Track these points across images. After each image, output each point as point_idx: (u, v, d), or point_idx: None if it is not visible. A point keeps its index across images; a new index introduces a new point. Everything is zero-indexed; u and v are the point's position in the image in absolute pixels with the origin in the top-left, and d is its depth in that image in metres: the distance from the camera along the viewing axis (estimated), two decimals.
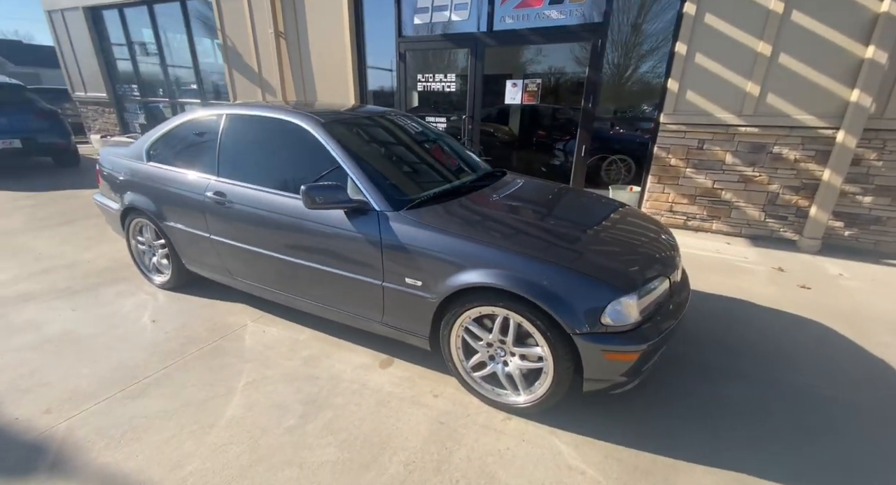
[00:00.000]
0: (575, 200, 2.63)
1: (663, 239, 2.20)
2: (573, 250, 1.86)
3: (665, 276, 1.89)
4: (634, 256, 1.94)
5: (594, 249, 1.91)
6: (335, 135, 2.22)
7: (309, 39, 6.23)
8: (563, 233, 2.02)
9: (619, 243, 2.04)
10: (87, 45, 8.82)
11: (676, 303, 1.98)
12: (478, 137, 5.57)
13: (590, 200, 2.69)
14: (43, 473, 1.58)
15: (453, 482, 1.59)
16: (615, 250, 1.95)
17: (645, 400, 2.06)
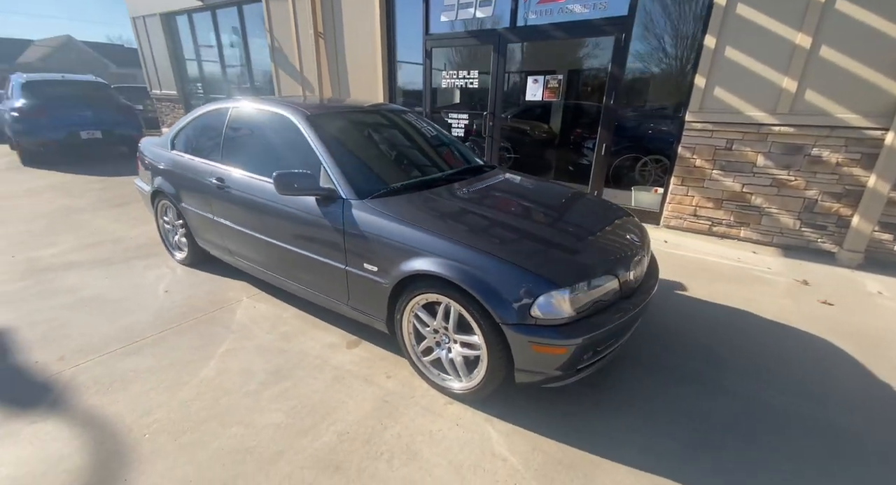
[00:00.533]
0: (546, 195, 2.61)
1: (626, 238, 2.12)
2: (515, 243, 1.88)
3: (612, 274, 1.84)
4: (580, 251, 1.91)
5: (539, 242, 1.91)
6: (316, 127, 2.38)
7: (345, 39, 6.54)
8: (514, 226, 2.03)
9: (571, 238, 2.01)
10: (161, 47, 9.86)
11: (632, 303, 1.92)
12: (499, 133, 5.56)
13: (564, 195, 2.65)
14: (44, 407, 1.89)
15: (377, 454, 1.68)
16: (562, 244, 1.92)
17: (596, 398, 2.02)
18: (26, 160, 7.61)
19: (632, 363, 2.29)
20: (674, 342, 2.49)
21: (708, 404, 1.99)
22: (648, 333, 2.58)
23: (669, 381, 2.16)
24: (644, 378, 2.18)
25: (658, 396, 2.05)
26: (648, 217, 4.75)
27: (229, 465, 1.62)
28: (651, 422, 1.88)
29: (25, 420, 1.81)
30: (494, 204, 2.27)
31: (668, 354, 2.37)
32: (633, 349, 2.41)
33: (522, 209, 2.30)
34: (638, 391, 2.08)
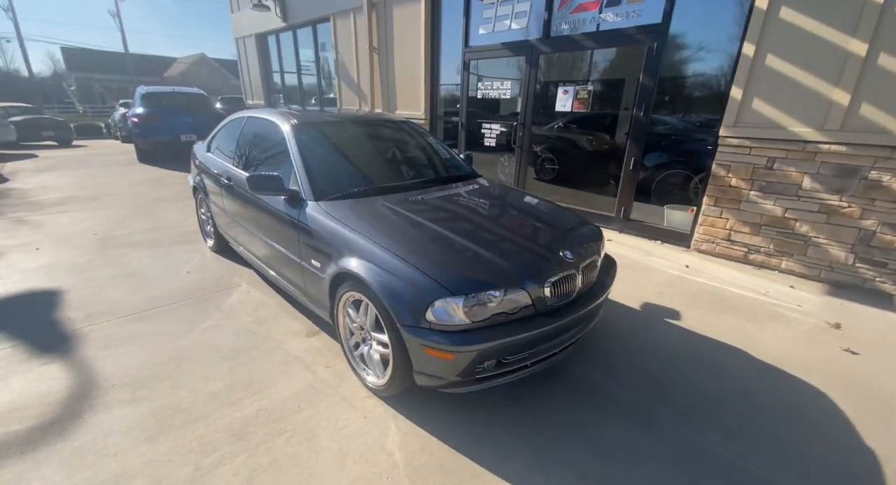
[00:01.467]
0: (501, 205, 2.65)
1: (559, 254, 2.04)
2: (431, 249, 1.94)
3: (520, 288, 1.82)
4: (493, 261, 1.89)
5: (456, 250, 1.95)
6: (297, 135, 2.66)
7: (395, 54, 6.96)
8: (440, 233, 2.07)
9: (494, 249, 1.99)
10: (255, 62, 11.27)
11: (553, 320, 1.87)
12: (527, 144, 5.51)
13: (522, 205, 2.69)
14: (57, 353, 2.37)
15: (281, 431, 1.85)
16: (478, 253, 1.93)
17: (514, 412, 1.99)
18: (140, 158, 9.21)
19: (569, 386, 2.20)
20: (626, 372, 2.32)
21: (622, 440, 1.85)
22: (604, 358, 2.44)
23: (595, 409, 2.03)
24: (572, 401, 2.08)
25: (574, 421, 1.95)
26: (678, 239, 4.38)
27: (162, 419, 1.90)
28: (551, 445, 1.81)
29: (40, 361, 2.29)
30: (436, 212, 2.34)
31: (611, 383, 2.23)
32: (577, 371, 2.31)
33: (462, 218, 2.33)
34: (558, 414, 1.99)
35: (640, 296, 3.23)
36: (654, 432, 1.90)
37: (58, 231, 4.49)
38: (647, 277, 3.59)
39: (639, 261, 3.96)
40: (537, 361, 1.97)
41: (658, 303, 3.13)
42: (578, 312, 2.00)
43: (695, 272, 3.72)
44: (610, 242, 4.47)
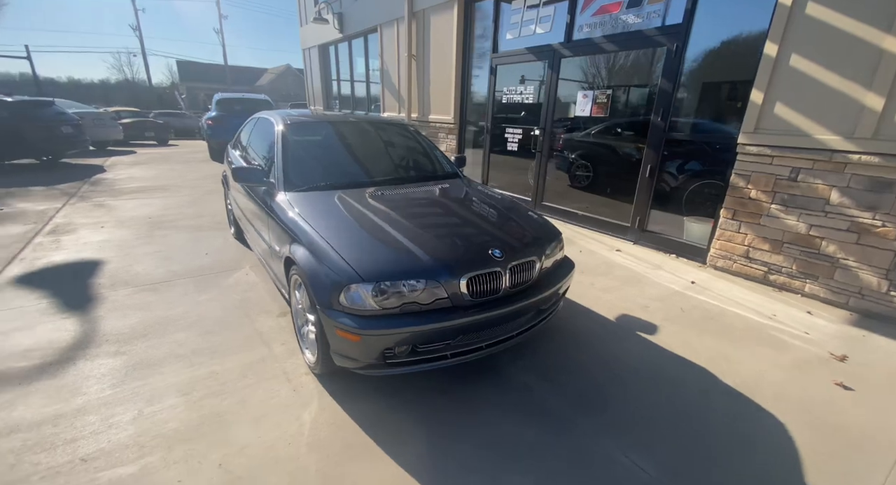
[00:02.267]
0: (458, 202, 2.71)
1: (488, 253, 2.05)
2: (361, 237, 2.08)
3: (436, 280, 1.87)
4: (416, 254, 1.97)
5: (385, 240, 2.06)
6: (285, 133, 2.94)
7: (430, 60, 7.21)
8: (378, 224, 2.20)
9: (423, 242, 2.07)
10: (317, 71, 12.21)
11: (469, 314, 1.91)
12: (547, 149, 5.42)
13: (480, 202, 2.72)
14: (78, 311, 2.84)
15: (220, 392, 2.07)
16: (404, 246, 2.01)
17: (433, 402, 2.04)
18: (212, 156, 10.39)
19: (499, 384, 2.19)
20: (568, 378, 2.26)
21: (522, 440, 1.82)
22: (550, 361, 2.39)
23: (513, 409, 2.01)
24: (493, 399, 2.08)
25: (487, 419, 1.95)
26: (694, 254, 4.07)
27: (130, 371, 2.22)
28: (450, 436, 1.83)
29: (62, 315, 2.76)
30: (388, 206, 2.45)
31: (546, 386, 2.18)
32: (514, 372, 2.29)
33: (410, 213, 2.41)
34: (472, 410, 2.01)
35: (621, 307, 3.08)
36: (562, 438, 1.85)
37: (124, 214, 5.28)
38: (641, 290, 3.40)
39: (640, 273, 3.75)
40: (457, 353, 2.01)
41: (639, 316, 2.97)
42: (502, 309, 2.01)
43: (699, 289, 3.45)
44: (618, 252, 4.28)
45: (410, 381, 2.20)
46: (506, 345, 2.19)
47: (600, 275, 3.69)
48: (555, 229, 2.57)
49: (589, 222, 5.08)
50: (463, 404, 2.06)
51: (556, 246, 2.44)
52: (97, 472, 1.63)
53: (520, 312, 2.15)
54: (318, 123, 3.31)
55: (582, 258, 4.06)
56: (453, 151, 7.14)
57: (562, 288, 2.43)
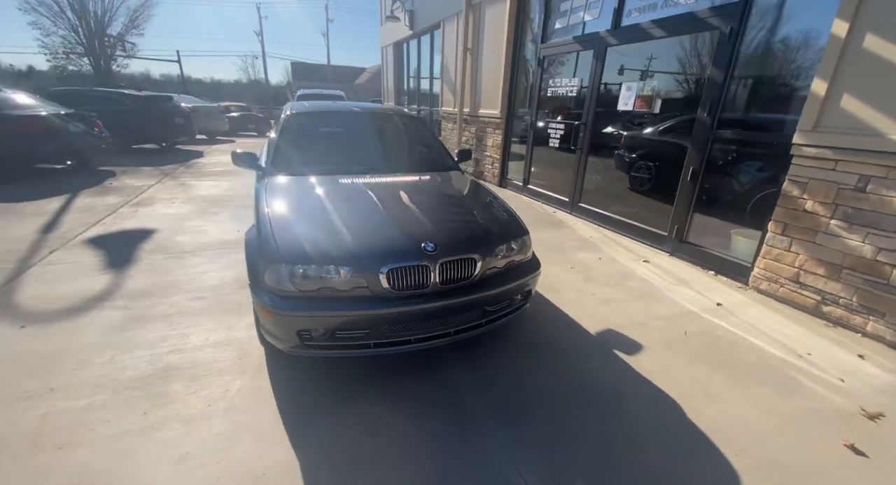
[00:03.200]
0: (427, 195, 2.66)
1: (421, 245, 1.97)
2: (302, 222, 2.15)
3: (355, 269, 1.87)
4: (345, 241, 1.98)
5: (322, 226, 2.10)
6: (287, 121, 3.14)
7: (483, 54, 7.09)
8: (327, 211, 2.24)
9: (359, 230, 2.07)
10: (391, 69, 12.73)
11: (385, 307, 1.88)
12: (587, 145, 5.01)
13: (445, 197, 2.68)
14: (116, 269, 3.34)
15: (180, 350, 2.30)
16: (338, 232, 2.03)
17: (357, 390, 2.05)
18: None
19: (432, 381, 2.11)
20: (507, 386, 2.09)
21: (419, 439, 1.72)
22: (497, 366, 2.24)
23: (431, 407, 1.92)
24: (417, 396, 2.01)
25: (404, 413, 1.89)
26: (737, 272, 3.50)
27: (124, 323, 2.56)
28: (356, 428, 1.81)
29: (103, 272, 3.28)
30: (350, 194, 2.50)
31: (479, 391, 2.05)
32: (456, 371, 2.19)
33: (368, 202, 2.40)
34: (390, 403, 1.96)
35: (613, 322, 2.76)
36: (465, 443, 1.72)
37: (195, 193, 6.07)
38: (648, 306, 3.01)
39: (658, 288, 3.32)
40: (382, 344, 1.99)
41: (629, 334, 2.64)
42: (431, 304, 1.93)
43: (722, 313, 2.95)
44: (645, 263, 3.83)
45: (343, 369, 2.21)
46: (441, 342, 2.11)
47: (608, 285, 3.34)
48: (519, 229, 2.39)
49: (625, 229, 4.61)
50: (383, 396, 2.02)
51: (513, 245, 2.27)
52: (57, 401, 1.92)
53: (455, 309, 2.06)
54: (321, 112, 3.48)
55: (598, 265, 3.72)
56: (499, 146, 6.96)
57: (517, 290, 2.26)
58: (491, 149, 7.24)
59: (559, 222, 5.12)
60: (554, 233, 4.67)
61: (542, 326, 2.71)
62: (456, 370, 2.23)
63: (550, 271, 3.55)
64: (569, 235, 4.60)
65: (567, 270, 3.60)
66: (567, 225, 5.02)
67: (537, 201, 6.12)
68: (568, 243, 4.32)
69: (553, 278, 3.41)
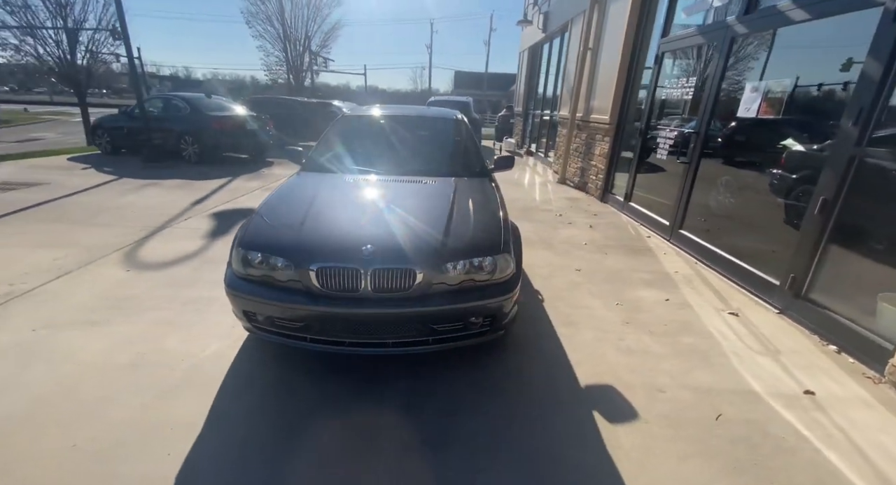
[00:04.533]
0: (420, 198, 2.59)
1: (361, 248, 1.92)
2: (287, 213, 2.32)
3: (288, 262, 1.94)
4: (296, 234, 2.07)
5: (296, 217, 2.23)
6: (336, 122, 3.40)
7: (602, 53, 6.39)
8: (316, 204, 2.37)
9: (320, 225, 2.16)
10: (523, 73, 12.55)
11: (320, 305, 1.91)
12: (697, 158, 4.07)
13: (441, 201, 2.50)
14: (215, 236, 4.13)
15: (202, 304, 2.74)
16: (302, 225, 2.14)
17: (295, 380, 2.12)
18: None
19: (367, 388, 2.04)
20: (439, 411, 1.87)
21: (318, 438, 1.66)
22: (446, 389, 2.02)
23: (357, 412, 1.84)
24: (351, 399, 1.96)
25: (323, 415, 1.87)
26: (870, 354, 2.43)
27: (183, 281, 3.16)
28: (275, 423, 1.87)
29: (204, 237, 4.09)
30: (348, 191, 2.62)
31: (417, 407, 1.88)
32: (399, 383, 2.07)
33: (357, 200, 2.51)
34: (318, 402, 1.96)
35: (619, 377, 2.21)
36: (369, 461, 1.61)
37: None
38: (686, 370, 2.31)
39: (724, 351, 2.51)
40: (315, 340, 2.01)
41: (629, 397, 2.07)
42: (359, 310, 1.88)
43: (805, 406, 2.07)
44: (731, 315, 2.98)
45: (298, 361, 2.27)
46: (378, 351, 2.04)
47: (651, 333, 2.67)
48: (491, 247, 2.10)
49: (728, 268, 3.61)
50: (312, 388, 2.04)
51: (476, 263, 2.02)
52: (93, 313, 2.50)
53: (390, 320, 1.95)
54: (370, 115, 3.66)
55: (655, 308, 3.01)
56: (605, 156, 6.20)
57: (474, 312, 2.01)
58: (597, 158, 6.50)
59: (644, 250, 4.30)
60: (628, 261, 3.94)
61: (521, 361, 2.34)
62: (395, 386, 2.10)
63: (585, 304, 3.03)
64: (646, 266, 3.83)
65: (609, 307, 3.01)
66: (653, 254, 4.18)
67: (636, 222, 5.26)
68: (637, 276, 3.60)
69: (582, 313, 2.89)
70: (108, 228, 4.18)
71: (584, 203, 6.22)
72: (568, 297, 3.14)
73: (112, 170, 7.27)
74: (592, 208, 5.91)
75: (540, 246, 4.22)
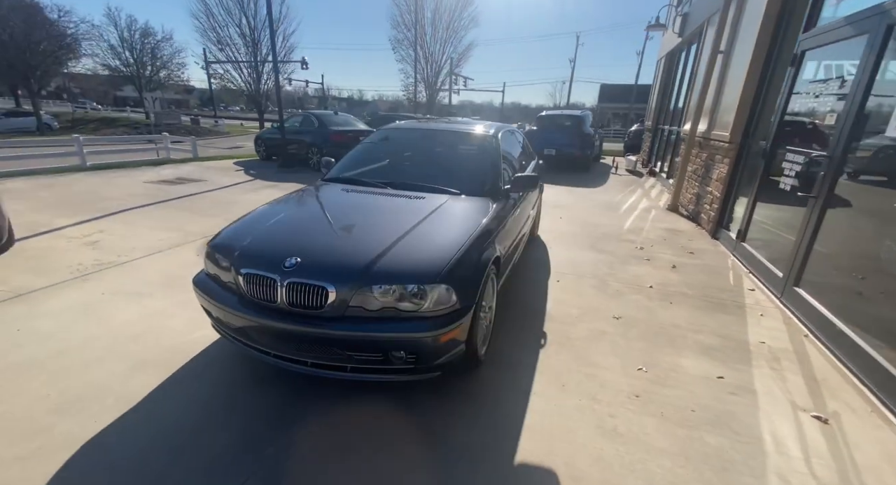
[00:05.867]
0: (399, 215, 2.41)
1: (288, 258, 1.88)
2: (266, 217, 2.44)
3: (229, 263, 2.01)
4: (250, 237, 2.15)
5: (267, 222, 2.34)
6: (372, 136, 3.51)
7: (734, 57, 5.21)
8: (293, 212, 2.50)
9: (273, 232, 2.22)
10: (658, 82, 11.09)
11: (242, 310, 1.94)
12: (826, 192, 2.95)
13: (418, 221, 2.31)
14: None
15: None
16: (268, 229, 2.23)
17: (239, 373, 2.21)
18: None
19: (287, 402, 2.00)
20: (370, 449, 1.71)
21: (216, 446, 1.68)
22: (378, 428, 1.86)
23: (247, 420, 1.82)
24: (250, 408, 1.95)
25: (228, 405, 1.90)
26: None
27: None
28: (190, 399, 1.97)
29: None
30: (338, 202, 2.70)
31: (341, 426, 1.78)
32: (310, 409, 1.98)
33: (338, 210, 2.56)
34: (235, 398, 1.99)
35: (572, 460, 1.70)
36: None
37: None
38: (693, 474, 1.65)
39: (765, 471, 1.73)
40: (245, 344, 2.06)
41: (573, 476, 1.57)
42: (272, 322, 1.86)
43: None
44: (817, 420, 2.09)
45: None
46: (299, 369, 1.96)
47: (665, 418, 1.99)
48: (425, 274, 1.85)
49: (851, 353, 2.51)
50: (254, 402, 2.08)
51: (397, 289, 1.81)
52: (147, 286, 3.01)
53: (302, 338, 1.87)
54: (399, 130, 3.68)
55: (698, 386, 2.27)
56: (722, 181, 4.99)
57: (387, 346, 1.81)
58: (714, 184, 5.29)
59: (732, 305, 3.28)
60: (695, 316, 3.06)
61: (463, 415, 1.98)
62: (314, 405, 2.00)
63: (596, 360, 2.45)
64: (718, 327, 2.91)
65: (627, 371, 2.36)
66: (742, 312, 3.16)
67: (745, 268, 4.08)
68: (695, 338, 2.76)
69: (583, 371, 2.34)
70: (211, 219, 5.07)
71: (686, 237, 5.11)
72: (580, 348, 2.58)
73: (255, 173, 8.86)
74: (693, 244, 4.81)
75: (588, 282, 3.60)
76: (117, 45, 27.13)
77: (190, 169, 8.97)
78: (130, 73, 27.62)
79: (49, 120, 22.30)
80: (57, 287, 3.12)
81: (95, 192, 6.21)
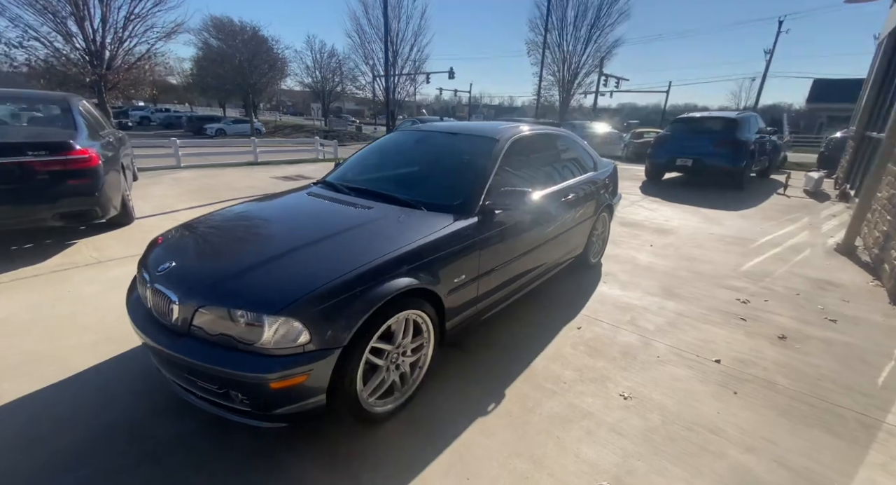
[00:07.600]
0: (351, 224, 2.16)
1: (166, 261, 1.77)
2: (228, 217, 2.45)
3: (147, 277, 1.87)
4: (169, 242, 2.11)
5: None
6: (382, 139, 3.30)
7: None
8: (255, 213, 2.45)
9: (189, 237, 2.15)
10: (874, 70, 8.02)
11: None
12: None
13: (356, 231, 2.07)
14: None
15: None
16: (186, 237, 2.18)
17: None
18: (646, 175, 9.63)
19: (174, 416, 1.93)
20: None
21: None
22: None
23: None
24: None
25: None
26: None
27: None
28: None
29: None
30: (274, 211, 2.55)
31: None
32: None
33: (300, 216, 2.42)
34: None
35: None
36: None
37: None
38: None
39: None
40: None
41: None
42: (145, 333, 1.74)
43: None
44: None
45: None
46: (169, 377, 1.84)
47: None
48: (264, 301, 1.54)
49: None
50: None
51: (239, 313, 1.53)
52: None
53: (161, 348, 1.73)
54: (415, 132, 3.28)
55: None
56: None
57: (218, 379, 1.55)
58: None
59: (860, 428, 1.98)
60: (784, 437, 1.92)
61: None
62: (186, 418, 1.87)
63: (545, 454, 1.73)
64: (811, 459, 1.77)
65: (635, 451, 1.59)
66: (871, 445, 1.88)
67: None
68: (748, 466, 1.72)
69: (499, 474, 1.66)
70: None
71: (839, 295, 3.43)
72: (546, 431, 1.86)
73: None
74: (845, 309, 3.19)
75: (622, 338, 2.67)
76: (311, 66, 33.34)
77: (315, 167, 10.22)
78: (317, 89, 33.59)
79: (259, 126, 28.73)
80: (130, 259, 3.75)
81: (230, 183, 7.51)
